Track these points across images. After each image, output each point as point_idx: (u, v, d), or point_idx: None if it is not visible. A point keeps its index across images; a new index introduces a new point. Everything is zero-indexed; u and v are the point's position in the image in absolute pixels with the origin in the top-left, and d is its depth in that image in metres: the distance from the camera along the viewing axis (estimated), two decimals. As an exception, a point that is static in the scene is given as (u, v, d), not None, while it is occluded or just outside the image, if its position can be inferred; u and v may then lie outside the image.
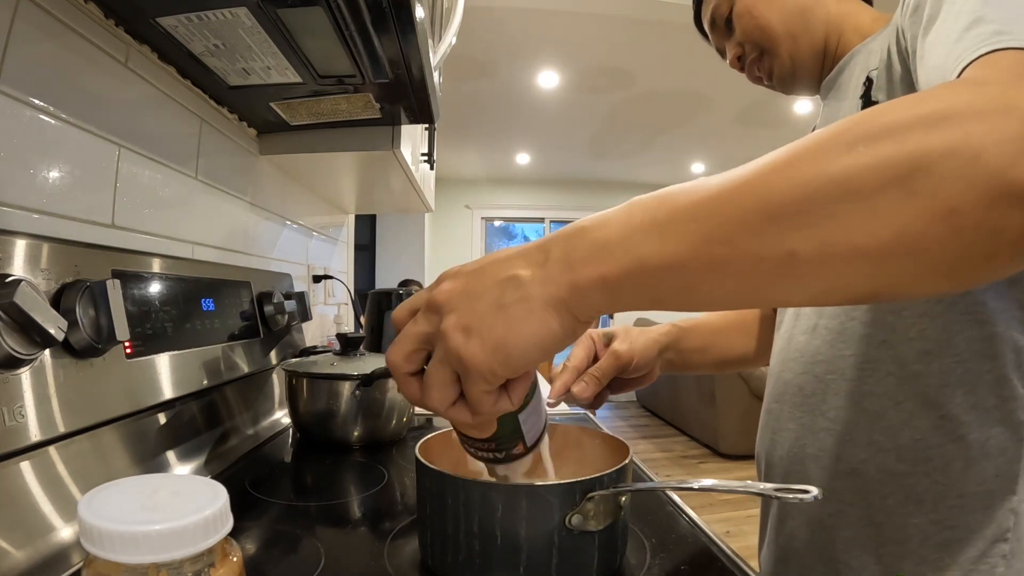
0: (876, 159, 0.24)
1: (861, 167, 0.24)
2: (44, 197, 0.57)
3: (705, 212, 0.27)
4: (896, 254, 0.24)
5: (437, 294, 0.32)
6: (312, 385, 0.84)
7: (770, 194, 0.26)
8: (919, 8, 0.47)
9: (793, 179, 0.26)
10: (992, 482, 0.49)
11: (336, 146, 1.08)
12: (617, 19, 2.46)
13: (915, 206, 0.23)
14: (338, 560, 0.49)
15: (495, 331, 0.30)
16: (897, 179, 0.24)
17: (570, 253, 0.30)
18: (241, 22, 0.62)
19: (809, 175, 0.25)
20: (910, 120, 0.24)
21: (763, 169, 0.27)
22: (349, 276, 1.91)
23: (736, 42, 0.68)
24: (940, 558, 0.50)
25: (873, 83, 0.55)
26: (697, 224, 0.27)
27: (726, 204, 0.27)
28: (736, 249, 0.26)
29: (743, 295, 0.28)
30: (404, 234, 4.21)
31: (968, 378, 0.50)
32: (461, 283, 0.32)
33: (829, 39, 0.64)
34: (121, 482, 0.29)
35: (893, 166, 0.24)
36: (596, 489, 0.43)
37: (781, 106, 3.47)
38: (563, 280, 0.30)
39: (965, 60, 0.35)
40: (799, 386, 0.61)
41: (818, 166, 0.25)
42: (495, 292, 0.31)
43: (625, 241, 0.29)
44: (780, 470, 0.63)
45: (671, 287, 0.29)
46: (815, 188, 0.25)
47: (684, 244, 0.28)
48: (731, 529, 2.59)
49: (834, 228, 0.25)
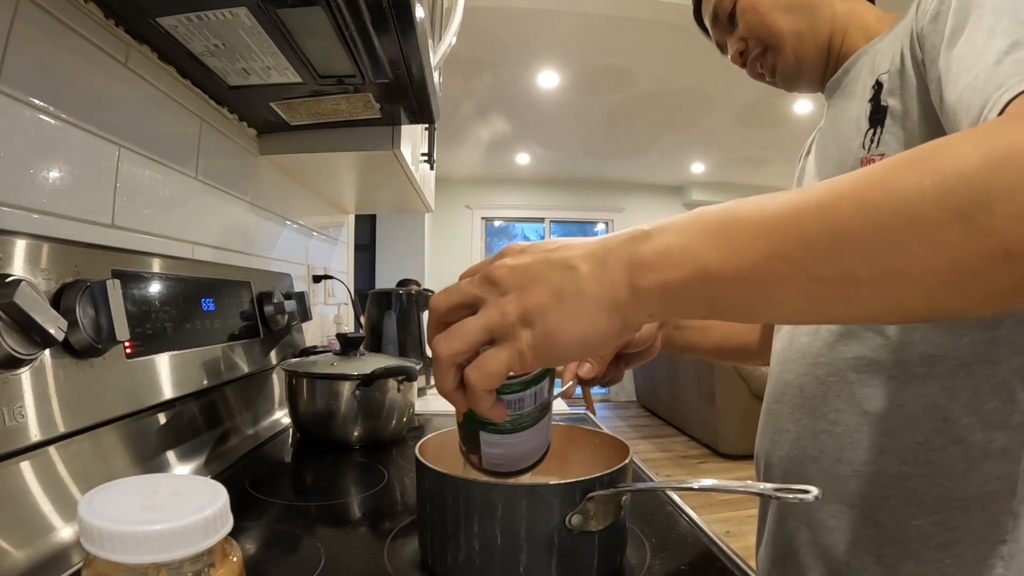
0: (942, 195, 0.25)
1: (927, 201, 0.25)
2: (44, 197, 0.57)
3: (771, 229, 0.28)
4: (950, 285, 0.26)
5: (498, 267, 0.33)
6: (312, 385, 0.84)
7: (837, 219, 0.27)
8: (939, 17, 0.46)
9: (861, 207, 0.26)
10: (993, 484, 0.49)
11: (336, 146, 1.08)
12: (617, 19, 2.46)
13: (974, 243, 0.25)
14: (338, 560, 0.49)
15: (547, 320, 0.31)
16: (961, 216, 0.25)
17: (632, 256, 0.30)
18: (241, 22, 0.62)
19: (877, 203, 0.26)
20: (976, 160, 0.25)
21: (832, 193, 0.28)
22: (349, 276, 1.91)
23: (739, 37, 0.68)
24: (941, 559, 0.50)
25: (883, 87, 0.54)
26: (763, 240, 0.28)
27: (793, 224, 0.28)
28: (799, 268, 0.27)
29: (799, 312, 0.29)
30: (404, 234, 4.21)
31: (971, 382, 0.50)
32: (524, 262, 0.32)
33: (834, 37, 0.64)
34: (121, 482, 0.29)
35: (957, 203, 0.25)
36: (596, 489, 0.43)
37: (781, 106, 3.47)
38: (623, 282, 0.30)
39: (1012, 89, 0.36)
40: (800, 387, 0.61)
41: (886, 196, 0.26)
42: (554, 280, 0.31)
43: (689, 249, 0.29)
44: (780, 471, 0.63)
45: (730, 298, 0.29)
46: (882, 217, 0.26)
47: (748, 258, 0.28)
48: (731, 529, 2.59)
49: (896, 257, 0.26)
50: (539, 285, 0.31)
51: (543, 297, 0.31)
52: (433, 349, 0.33)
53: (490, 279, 0.33)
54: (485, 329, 0.32)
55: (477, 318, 0.32)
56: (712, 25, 0.72)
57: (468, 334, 0.32)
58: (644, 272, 0.30)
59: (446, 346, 0.32)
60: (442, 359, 0.33)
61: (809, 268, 0.27)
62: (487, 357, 0.32)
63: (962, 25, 0.44)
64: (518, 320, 0.31)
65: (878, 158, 0.53)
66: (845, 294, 0.27)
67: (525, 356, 0.31)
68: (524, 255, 0.33)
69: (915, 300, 0.27)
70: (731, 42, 0.69)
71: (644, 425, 4.67)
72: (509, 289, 0.32)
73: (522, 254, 0.33)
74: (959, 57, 0.43)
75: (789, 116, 3.65)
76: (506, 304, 0.31)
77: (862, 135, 0.56)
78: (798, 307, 0.29)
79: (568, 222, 5.81)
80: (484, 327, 0.32)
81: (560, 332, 0.31)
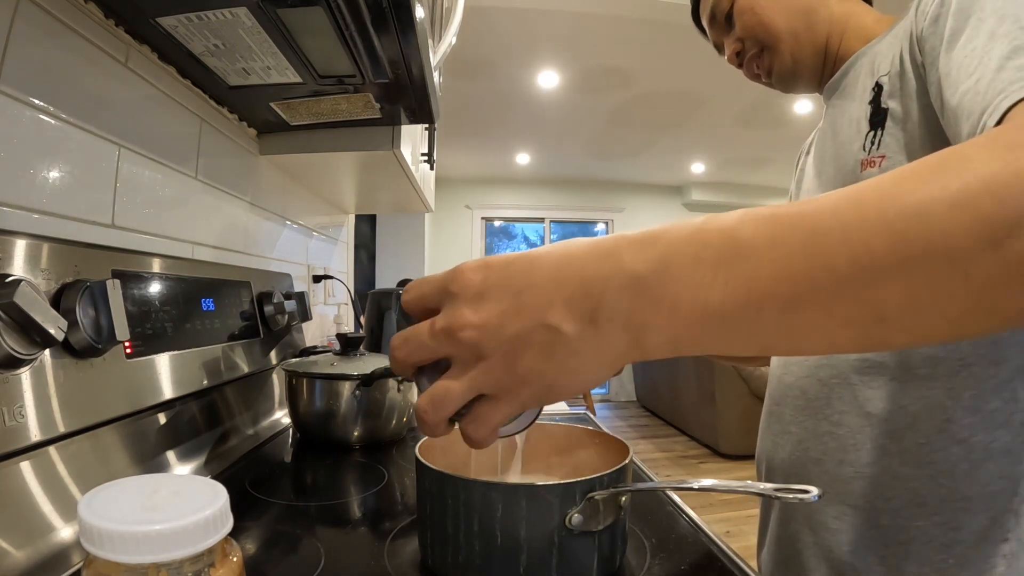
0: (977, 220, 0.23)
1: (962, 228, 0.23)
2: (44, 197, 0.57)
3: (795, 274, 0.25)
4: (976, 312, 0.24)
5: (461, 326, 0.28)
6: (312, 385, 0.84)
7: (871, 260, 0.24)
8: (940, 19, 0.46)
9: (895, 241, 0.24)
10: (996, 484, 0.49)
11: (336, 146, 1.08)
12: (617, 19, 2.46)
13: (1003, 270, 0.23)
14: (338, 560, 0.49)
15: (546, 378, 0.28)
16: (991, 243, 0.23)
17: (629, 315, 0.27)
18: (241, 22, 0.62)
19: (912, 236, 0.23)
20: (1007, 177, 0.23)
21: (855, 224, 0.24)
22: (349, 276, 1.91)
23: (736, 38, 0.68)
24: (944, 559, 0.50)
25: (884, 89, 0.54)
26: (785, 286, 0.25)
27: (817, 267, 0.24)
28: (826, 314, 0.25)
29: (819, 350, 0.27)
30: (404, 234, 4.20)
31: (973, 382, 0.50)
32: (492, 318, 0.28)
33: (831, 39, 0.64)
34: (121, 482, 0.29)
35: (990, 228, 0.23)
36: (596, 489, 0.43)
37: (781, 106, 3.47)
38: (622, 341, 0.27)
39: (1013, 96, 0.35)
40: (802, 389, 0.61)
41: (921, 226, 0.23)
42: (541, 342, 0.27)
43: (699, 305, 0.26)
44: (782, 473, 0.63)
45: (747, 346, 0.27)
46: (916, 252, 0.23)
47: (768, 308, 0.25)
48: (731, 529, 2.59)
49: (928, 292, 0.24)
50: (525, 347, 0.28)
51: (534, 362, 0.28)
52: (420, 416, 0.31)
53: (456, 340, 0.29)
54: (475, 391, 0.29)
55: (463, 383, 0.29)
56: (709, 25, 0.72)
57: (457, 400, 0.30)
58: (647, 332, 0.27)
59: (434, 414, 0.30)
60: (433, 425, 0.30)
61: (837, 313, 0.25)
62: (488, 414, 0.30)
63: (962, 28, 0.44)
64: (512, 383, 0.29)
65: (878, 160, 0.54)
66: (872, 334, 0.25)
67: (528, 405, 0.30)
68: (485, 303, 0.28)
69: (939, 330, 0.25)
70: (728, 43, 0.69)
71: (644, 425, 4.67)
72: (488, 353, 0.28)
73: (481, 300, 0.28)
74: (959, 60, 0.43)
75: (789, 116, 3.65)
76: (494, 369, 0.28)
77: (862, 137, 0.56)
78: (819, 348, 0.27)
79: (568, 222, 5.81)
80: (473, 390, 0.29)
81: (563, 384, 0.29)
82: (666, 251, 0.27)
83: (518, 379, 0.28)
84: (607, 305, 0.27)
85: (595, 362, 0.28)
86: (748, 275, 0.25)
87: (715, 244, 0.26)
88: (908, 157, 0.51)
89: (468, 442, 0.31)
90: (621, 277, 0.27)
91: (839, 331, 0.25)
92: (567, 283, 0.27)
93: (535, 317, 0.27)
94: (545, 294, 0.28)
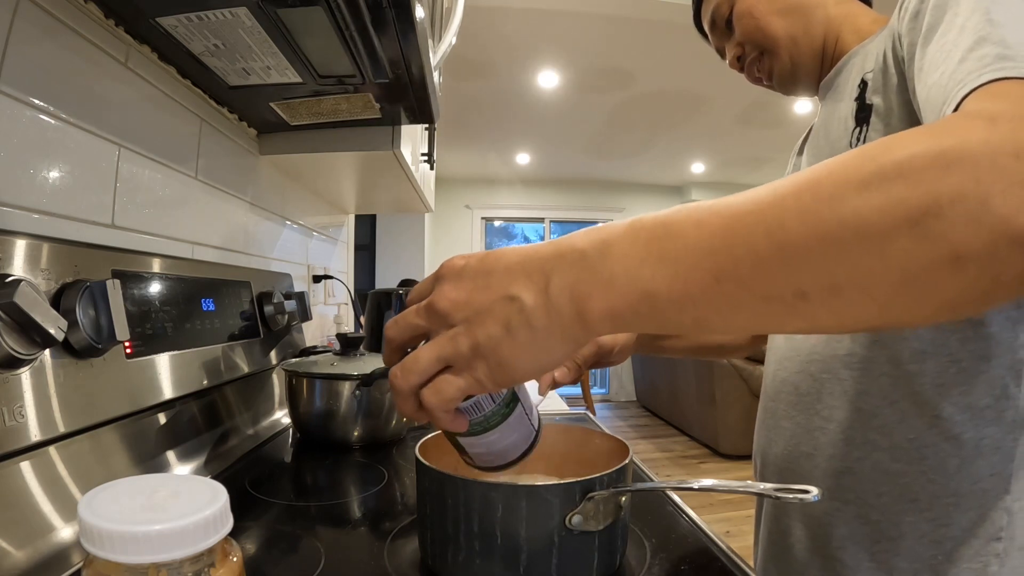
0: (889, 201, 0.24)
1: (874, 209, 0.24)
2: (44, 197, 0.57)
3: (717, 248, 0.27)
4: (901, 295, 0.25)
5: (440, 299, 0.32)
6: (312, 385, 0.84)
7: (784, 236, 0.26)
8: (919, 15, 0.47)
9: (807, 220, 0.25)
10: (986, 481, 0.49)
11: (336, 146, 1.08)
12: (617, 19, 2.46)
13: (923, 251, 0.23)
14: (338, 560, 0.49)
15: (500, 352, 0.31)
16: (908, 222, 0.24)
17: (575, 285, 0.30)
18: (241, 22, 0.62)
19: (823, 216, 0.25)
20: (923, 161, 0.24)
21: (776, 205, 0.26)
22: (349, 276, 1.91)
23: (736, 42, 0.69)
24: (934, 556, 0.51)
25: (868, 85, 0.55)
26: (708, 261, 0.27)
27: (738, 243, 0.26)
28: (747, 288, 0.27)
29: (752, 327, 0.29)
30: (404, 234, 4.20)
31: (962, 378, 0.50)
32: (465, 293, 0.32)
33: (828, 40, 0.64)
34: (121, 482, 0.29)
35: (905, 209, 0.24)
36: (596, 489, 0.43)
37: (781, 106, 3.47)
38: (568, 312, 0.30)
39: (968, 85, 0.35)
40: (795, 385, 0.61)
41: (832, 207, 0.25)
42: (500, 312, 0.31)
43: (632, 276, 0.28)
44: (775, 468, 0.64)
45: (680, 320, 0.29)
46: (829, 230, 0.25)
47: (695, 281, 0.27)
48: (731, 529, 2.59)
49: (845, 271, 0.25)
50: (486, 319, 0.31)
51: (493, 330, 0.31)
52: (391, 381, 0.34)
53: (434, 311, 0.33)
54: (439, 360, 0.32)
55: (430, 350, 0.32)
56: (711, 31, 0.73)
57: (423, 367, 0.32)
58: (588, 301, 0.29)
59: (403, 379, 0.33)
60: (401, 391, 0.33)
61: (758, 287, 0.26)
62: (444, 382, 0.32)
63: (937, 22, 0.44)
64: (471, 352, 0.31)
65: None
66: (796, 310, 0.26)
67: (483, 383, 0.32)
68: (463, 281, 0.32)
69: (866, 312, 0.26)
70: (729, 47, 0.70)
71: (644, 425, 4.67)
72: (455, 322, 0.32)
73: (460, 279, 0.33)
74: (931, 55, 0.43)
75: (789, 116, 3.65)
76: (456, 337, 0.31)
77: (849, 133, 0.57)
78: (749, 324, 0.28)
79: (568, 222, 5.81)
80: (438, 358, 0.32)
81: (514, 362, 0.31)
82: (609, 234, 0.30)
83: (477, 350, 0.31)
84: (557, 277, 0.30)
85: (547, 337, 0.30)
86: (676, 251, 0.28)
87: (648, 227, 0.29)
88: None
89: (428, 414, 0.34)
90: (571, 255, 0.30)
91: (762, 306, 0.27)
92: (530, 263, 0.31)
93: (500, 291, 0.31)
94: (511, 273, 0.31)
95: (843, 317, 0.26)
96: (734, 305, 0.27)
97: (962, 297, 0.24)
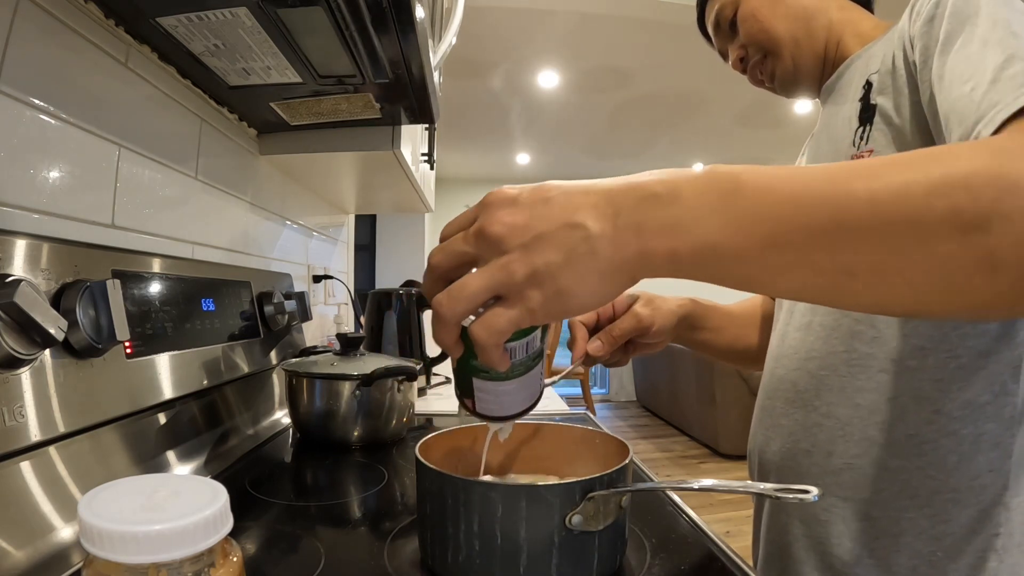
0: (949, 208, 0.26)
1: (935, 212, 0.27)
2: (44, 197, 0.57)
3: (780, 214, 0.29)
4: (937, 290, 0.28)
5: (493, 224, 0.31)
6: (312, 385, 0.84)
7: (846, 216, 0.28)
8: (935, 20, 0.47)
9: (872, 209, 0.27)
10: (985, 477, 0.50)
11: (336, 146, 1.08)
12: (617, 19, 2.46)
13: (966, 256, 0.27)
14: (338, 560, 0.49)
15: (559, 281, 0.30)
16: (960, 230, 0.26)
17: (642, 222, 0.30)
18: (241, 22, 0.62)
19: (888, 209, 0.27)
20: (984, 179, 0.27)
21: (844, 188, 0.28)
22: (349, 276, 1.91)
23: (739, 44, 0.69)
24: (933, 552, 0.51)
25: (873, 86, 0.56)
26: (770, 223, 0.29)
27: (802, 215, 0.28)
28: (802, 257, 0.29)
29: (793, 292, 0.31)
30: (404, 234, 4.20)
31: (962, 374, 0.50)
32: (522, 218, 0.31)
33: (829, 44, 0.65)
34: (121, 482, 0.29)
35: (960, 218, 0.26)
36: (596, 489, 0.43)
37: (781, 106, 3.47)
38: (633, 246, 0.30)
39: (1007, 109, 0.37)
40: (793, 382, 0.62)
41: (898, 202, 0.27)
42: (562, 239, 0.30)
43: (698, 223, 0.30)
44: (773, 467, 0.64)
45: (734, 273, 0.30)
46: (889, 222, 0.27)
47: (754, 240, 0.29)
48: (731, 529, 2.59)
49: (894, 259, 0.27)
50: (546, 244, 0.30)
51: (553, 256, 0.30)
52: (435, 308, 0.32)
53: (486, 236, 0.31)
54: (489, 288, 0.31)
55: (480, 278, 0.31)
56: (714, 33, 0.73)
57: (471, 293, 0.31)
58: (654, 238, 0.30)
59: (449, 308, 0.32)
60: (446, 319, 0.32)
61: (812, 257, 0.28)
62: (495, 316, 0.31)
63: (956, 31, 0.44)
64: (525, 280, 0.30)
65: (867, 154, 0.55)
66: (839, 283, 0.29)
67: (535, 314, 0.31)
68: (518, 207, 0.31)
69: (903, 298, 0.29)
70: (732, 49, 0.71)
71: (644, 425, 4.67)
72: (511, 247, 0.31)
73: (515, 205, 0.31)
74: (953, 65, 0.44)
75: (789, 117, 3.66)
76: (511, 264, 0.30)
77: (853, 133, 0.57)
78: (793, 289, 0.30)
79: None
80: (489, 287, 0.31)
81: (573, 291, 0.30)
82: (681, 179, 0.31)
83: (533, 278, 0.30)
84: (627, 210, 0.30)
85: (608, 267, 0.30)
86: (743, 209, 0.29)
87: (721, 180, 0.30)
88: (896, 151, 0.52)
89: (476, 347, 0.33)
90: (641, 192, 0.31)
91: (812, 277, 0.29)
92: (594, 194, 0.31)
93: (562, 218, 0.30)
94: (574, 201, 0.31)
95: (880, 298, 0.29)
96: (785, 269, 0.29)
97: (992, 302, 0.27)
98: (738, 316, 0.77)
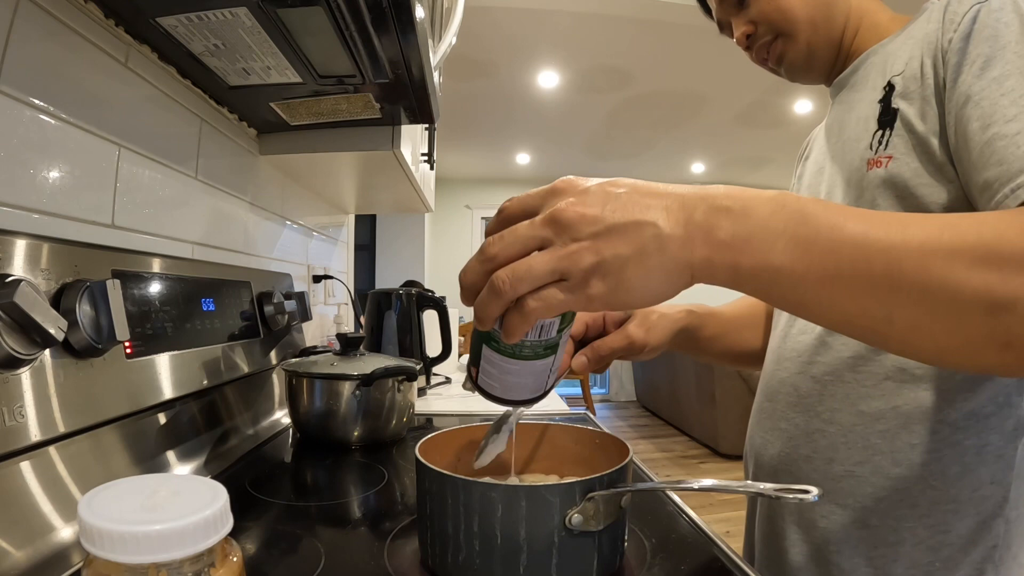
0: (984, 285, 0.30)
1: (971, 287, 0.30)
2: (44, 197, 0.57)
3: (841, 254, 0.31)
4: (956, 351, 0.32)
5: (567, 210, 0.32)
6: (312, 385, 0.84)
7: (897, 272, 0.31)
8: (972, 38, 0.46)
9: (922, 273, 0.31)
10: (986, 488, 0.49)
11: (336, 146, 1.08)
12: (617, 19, 2.46)
13: (988, 329, 0.30)
14: (338, 560, 0.49)
15: (624, 273, 0.31)
16: (988, 307, 0.30)
17: (712, 230, 0.32)
18: (241, 22, 0.62)
19: (933, 274, 0.30)
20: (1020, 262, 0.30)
21: (901, 245, 0.31)
22: (349, 276, 1.91)
23: (748, 20, 0.64)
24: (931, 562, 0.50)
25: (896, 88, 0.53)
26: (831, 260, 0.31)
27: (860, 258, 0.31)
28: (851, 295, 0.31)
29: (833, 324, 0.34)
30: (404, 234, 4.20)
31: (967, 385, 0.50)
32: (596, 209, 0.32)
33: (847, 32, 0.62)
34: (121, 482, 0.29)
35: (991, 296, 0.30)
36: (596, 489, 0.43)
37: (781, 106, 3.47)
38: (701, 251, 0.32)
39: None
40: (794, 386, 0.61)
41: (942, 269, 0.30)
42: (635, 234, 0.31)
43: (766, 244, 0.31)
44: (770, 469, 0.63)
45: (787, 297, 0.33)
46: (932, 286, 0.31)
47: (815, 271, 0.31)
48: (731, 529, 2.59)
49: (928, 319, 0.31)
50: (618, 237, 0.31)
51: (622, 250, 0.31)
52: (494, 282, 0.33)
53: (559, 221, 0.32)
54: (555, 272, 0.32)
55: (548, 261, 0.32)
56: (717, 2, 0.67)
57: (537, 277, 0.32)
58: (721, 249, 0.31)
59: (512, 286, 0.32)
60: (504, 296, 0.32)
61: (859, 300, 0.31)
62: (553, 294, 0.32)
63: (995, 56, 0.44)
64: (591, 268, 0.31)
65: (885, 160, 0.53)
66: (878, 329, 0.32)
67: (593, 302, 0.32)
68: (591, 197, 0.32)
69: (926, 352, 0.33)
70: (738, 23, 0.65)
71: (644, 425, 4.67)
72: (582, 236, 0.31)
73: (588, 195, 0.32)
74: (993, 95, 0.43)
75: (789, 116, 3.65)
76: (581, 251, 0.31)
77: (870, 135, 0.55)
78: (834, 321, 0.33)
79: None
80: (555, 270, 0.31)
81: (634, 285, 0.31)
82: (751, 198, 0.32)
83: (599, 267, 0.31)
84: (700, 216, 0.32)
85: (673, 267, 0.32)
86: (808, 239, 0.31)
87: (791, 208, 0.32)
88: (917, 159, 0.51)
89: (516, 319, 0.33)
90: (713, 202, 0.32)
91: (856, 316, 0.32)
92: (668, 197, 0.33)
93: (635, 214, 0.32)
94: (646, 199, 0.32)
95: (908, 347, 0.33)
96: (834, 303, 0.32)
97: (1002, 369, 0.32)
98: (737, 319, 0.75)
